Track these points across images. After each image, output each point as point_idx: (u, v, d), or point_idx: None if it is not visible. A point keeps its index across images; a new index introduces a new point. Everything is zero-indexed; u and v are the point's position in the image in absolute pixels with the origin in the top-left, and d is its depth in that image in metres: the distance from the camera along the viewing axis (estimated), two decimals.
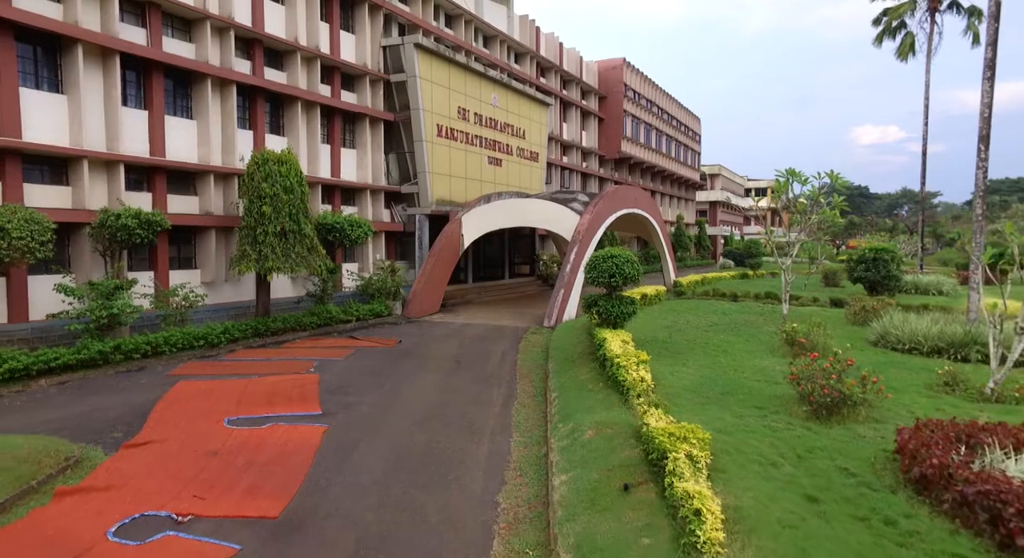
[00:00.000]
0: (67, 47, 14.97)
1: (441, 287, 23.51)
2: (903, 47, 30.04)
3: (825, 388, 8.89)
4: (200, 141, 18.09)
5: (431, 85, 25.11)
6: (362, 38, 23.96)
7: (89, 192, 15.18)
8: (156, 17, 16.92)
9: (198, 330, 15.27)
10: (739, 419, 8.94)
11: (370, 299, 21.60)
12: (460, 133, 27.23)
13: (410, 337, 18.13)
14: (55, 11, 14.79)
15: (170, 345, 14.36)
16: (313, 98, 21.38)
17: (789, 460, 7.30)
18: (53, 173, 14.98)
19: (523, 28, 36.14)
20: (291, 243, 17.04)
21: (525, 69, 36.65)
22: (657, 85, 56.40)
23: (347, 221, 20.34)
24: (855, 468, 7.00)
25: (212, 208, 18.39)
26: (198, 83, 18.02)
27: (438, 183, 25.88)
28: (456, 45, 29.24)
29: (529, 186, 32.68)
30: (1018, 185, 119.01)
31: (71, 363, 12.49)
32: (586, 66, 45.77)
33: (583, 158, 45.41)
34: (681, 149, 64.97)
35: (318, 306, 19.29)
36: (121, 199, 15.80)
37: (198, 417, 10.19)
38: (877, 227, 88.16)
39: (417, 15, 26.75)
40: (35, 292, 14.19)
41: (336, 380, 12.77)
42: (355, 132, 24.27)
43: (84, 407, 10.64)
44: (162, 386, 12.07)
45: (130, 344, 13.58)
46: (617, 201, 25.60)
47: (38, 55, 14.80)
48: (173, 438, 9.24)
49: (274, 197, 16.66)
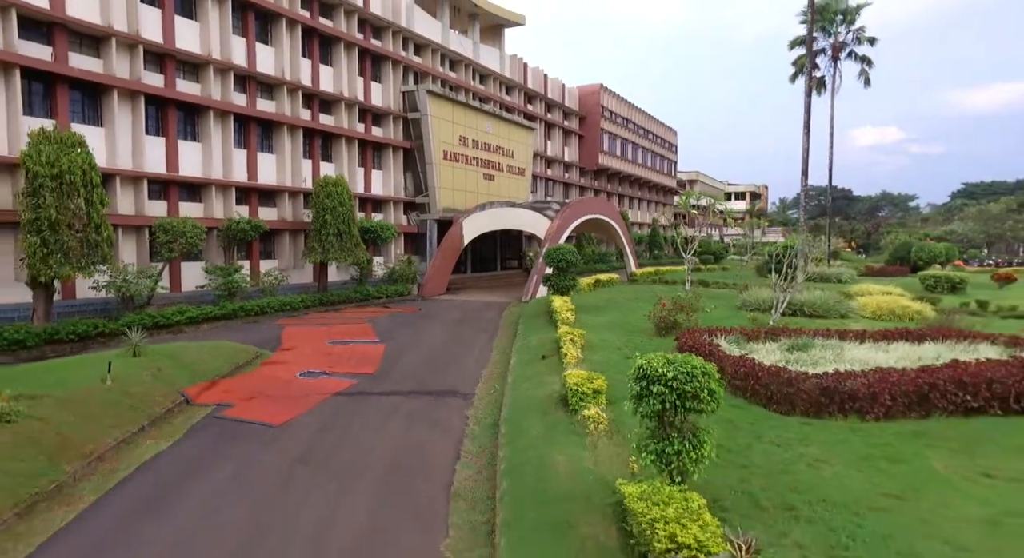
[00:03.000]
0: (202, 113, 22.00)
1: (446, 275, 30.51)
2: (812, 84, 36.93)
3: (663, 319, 15.94)
4: (278, 169, 25.11)
5: (439, 120, 32.13)
6: (387, 86, 30.96)
7: (214, 207, 22.21)
8: (252, 86, 23.89)
9: (284, 299, 22.28)
10: (615, 335, 15.98)
11: (394, 283, 28.58)
12: (461, 156, 34.24)
13: (426, 307, 25.17)
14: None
15: (271, 308, 21.38)
16: (353, 134, 28.40)
17: (628, 348, 14.30)
18: (192, 194, 22.00)
19: (513, 66, 43.16)
20: (344, 241, 24.07)
21: (515, 99, 43.66)
22: (633, 104, 63.41)
23: (379, 225, 27.37)
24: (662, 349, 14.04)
25: (286, 216, 25.40)
26: (277, 128, 25.04)
27: (444, 195, 32.90)
28: (457, 85, 36.25)
29: (517, 196, 39.68)
30: (991, 188, 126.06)
31: (217, 315, 19.48)
32: (568, 92, 52.76)
33: (565, 170, 52.41)
34: (657, 159, 72.00)
35: (359, 286, 26.30)
36: (235, 211, 22.84)
37: (310, 340, 17.25)
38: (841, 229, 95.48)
39: (428, 64, 33.74)
40: (185, 272, 21.21)
41: (382, 328, 19.78)
42: (382, 157, 31.30)
43: (241, 336, 17.62)
44: (276, 329, 19.09)
45: (248, 306, 20.59)
46: (580, 209, 32.65)
47: (187, 118, 21.77)
48: (301, 348, 16.29)
49: (332, 209, 23.67)
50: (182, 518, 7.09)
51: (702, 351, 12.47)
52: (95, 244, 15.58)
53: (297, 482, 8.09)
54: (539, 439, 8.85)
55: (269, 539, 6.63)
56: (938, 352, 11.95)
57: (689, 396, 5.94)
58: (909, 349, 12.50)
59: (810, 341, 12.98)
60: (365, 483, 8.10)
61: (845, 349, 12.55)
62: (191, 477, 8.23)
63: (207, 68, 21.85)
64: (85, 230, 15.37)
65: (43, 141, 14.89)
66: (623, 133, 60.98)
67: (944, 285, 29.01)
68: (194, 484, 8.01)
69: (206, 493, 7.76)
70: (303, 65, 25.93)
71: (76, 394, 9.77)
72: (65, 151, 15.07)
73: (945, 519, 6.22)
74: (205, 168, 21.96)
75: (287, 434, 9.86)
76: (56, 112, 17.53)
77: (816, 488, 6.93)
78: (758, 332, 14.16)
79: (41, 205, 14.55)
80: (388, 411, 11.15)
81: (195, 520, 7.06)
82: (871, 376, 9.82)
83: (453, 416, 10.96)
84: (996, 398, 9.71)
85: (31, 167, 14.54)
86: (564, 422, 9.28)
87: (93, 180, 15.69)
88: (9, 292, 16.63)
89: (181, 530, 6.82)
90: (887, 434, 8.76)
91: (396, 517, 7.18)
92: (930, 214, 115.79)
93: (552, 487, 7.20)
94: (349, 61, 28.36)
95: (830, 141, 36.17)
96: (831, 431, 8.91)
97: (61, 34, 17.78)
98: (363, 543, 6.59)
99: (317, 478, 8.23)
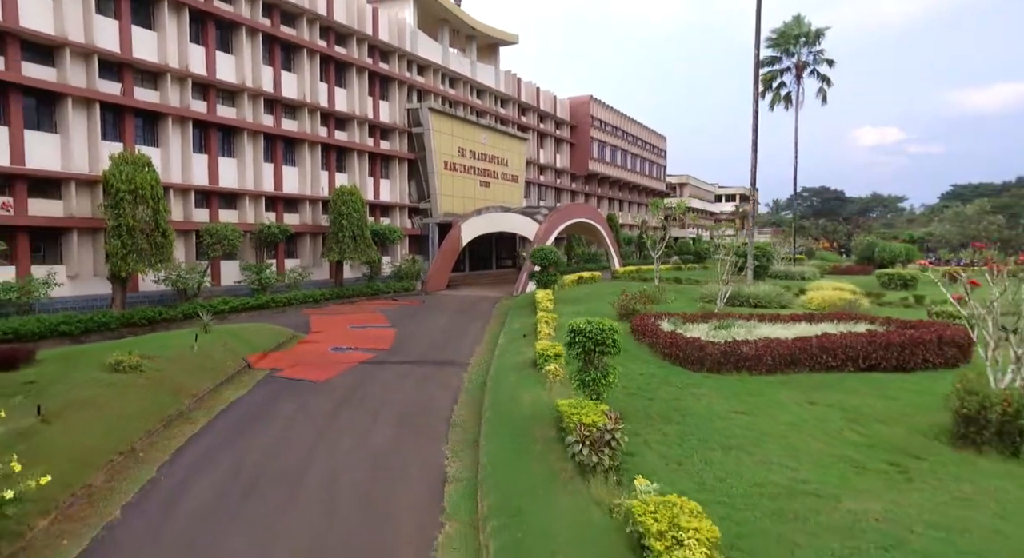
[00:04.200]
0: (238, 133, 25.39)
1: (447, 272, 33.90)
2: (776, 99, 40.61)
3: (623, 307, 19.35)
4: (300, 180, 28.50)
5: (439, 134, 35.52)
6: (393, 104, 34.36)
7: (248, 213, 25.60)
8: (279, 108, 27.28)
9: (307, 292, 25.66)
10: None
11: (400, 279, 31.95)
12: (460, 165, 37.64)
13: (429, 300, 28.58)
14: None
15: (296, 300, 24.76)
16: (364, 148, 31.80)
17: None
18: (228, 203, 25.40)
19: (507, 81, 46.56)
20: (357, 242, 27.47)
21: (509, 112, 47.06)
22: (622, 113, 66.82)
23: (387, 228, 30.77)
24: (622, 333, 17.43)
25: (307, 221, 28.80)
26: (299, 144, 28.43)
27: (444, 201, 36.28)
28: (456, 100, 39.65)
29: (511, 202, 43.07)
30: (978, 190, 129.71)
31: (252, 305, 22.86)
32: (559, 103, 56.17)
33: (557, 176, 55.81)
34: (646, 164, 75.43)
35: (370, 282, 29.69)
36: (264, 217, 26.26)
37: (334, 325, 20.65)
38: (824, 229, 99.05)
39: (430, 83, 37.14)
40: (224, 269, 24.61)
41: (392, 316, 23.17)
42: (389, 168, 34.70)
43: (276, 322, 20.96)
44: (304, 317, 22.48)
45: (278, 298, 23.98)
46: (566, 214, 36.07)
47: (225, 137, 25.15)
48: (328, 331, 19.69)
49: (348, 215, 27.06)
50: (267, 432, 10.48)
51: (647, 329, 15.89)
52: (160, 246, 18.99)
53: (341, 415, 11.47)
54: (513, 387, 12.24)
55: (328, 444, 9.99)
56: (825, 329, 15.36)
57: (600, 343, 9.35)
58: (807, 328, 15.89)
59: (732, 322, 16.40)
60: (390, 417, 11.45)
61: (758, 328, 15.95)
62: (267, 411, 11.61)
63: (242, 95, 25.25)
64: (153, 234, 18.77)
65: (122, 163, 18.29)
66: (612, 140, 64.39)
67: (897, 282, 32.44)
68: (270, 415, 11.39)
69: (280, 419, 11.14)
70: (321, 88, 29.31)
71: (176, 356, 13.18)
72: (138, 170, 18.48)
73: (766, 422, 9.65)
74: (240, 180, 25.35)
75: (328, 387, 13.26)
76: (124, 137, 20.92)
77: (691, 409, 10.35)
78: (695, 316, 17.57)
79: (121, 214, 17.97)
80: (402, 374, 14.53)
81: (277, 433, 10.44)
82: (759, 344, 13.24)
83: (452, 378, 14.33)
84: (849, 359, 13.15)
85: (114, 183, 17.95)
86: (532, 375, 12.68)
87: (158, 193, 19.09)
88: (86, 286, 20.01)
89: (268, 438, 10.20)
90: (761, 382, 12.18)
91: (413, 435, 10.54)
92: (916, 216, 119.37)
93: (518, 412, 10.59)
94: (360, 83, 31.73)
95: (795, 151, 39.64)
96: (722, 381, 12.32)
97: (128, 73, 21.19)
98: (391, 447, 9.96)
99: (355, 413, 11.60)
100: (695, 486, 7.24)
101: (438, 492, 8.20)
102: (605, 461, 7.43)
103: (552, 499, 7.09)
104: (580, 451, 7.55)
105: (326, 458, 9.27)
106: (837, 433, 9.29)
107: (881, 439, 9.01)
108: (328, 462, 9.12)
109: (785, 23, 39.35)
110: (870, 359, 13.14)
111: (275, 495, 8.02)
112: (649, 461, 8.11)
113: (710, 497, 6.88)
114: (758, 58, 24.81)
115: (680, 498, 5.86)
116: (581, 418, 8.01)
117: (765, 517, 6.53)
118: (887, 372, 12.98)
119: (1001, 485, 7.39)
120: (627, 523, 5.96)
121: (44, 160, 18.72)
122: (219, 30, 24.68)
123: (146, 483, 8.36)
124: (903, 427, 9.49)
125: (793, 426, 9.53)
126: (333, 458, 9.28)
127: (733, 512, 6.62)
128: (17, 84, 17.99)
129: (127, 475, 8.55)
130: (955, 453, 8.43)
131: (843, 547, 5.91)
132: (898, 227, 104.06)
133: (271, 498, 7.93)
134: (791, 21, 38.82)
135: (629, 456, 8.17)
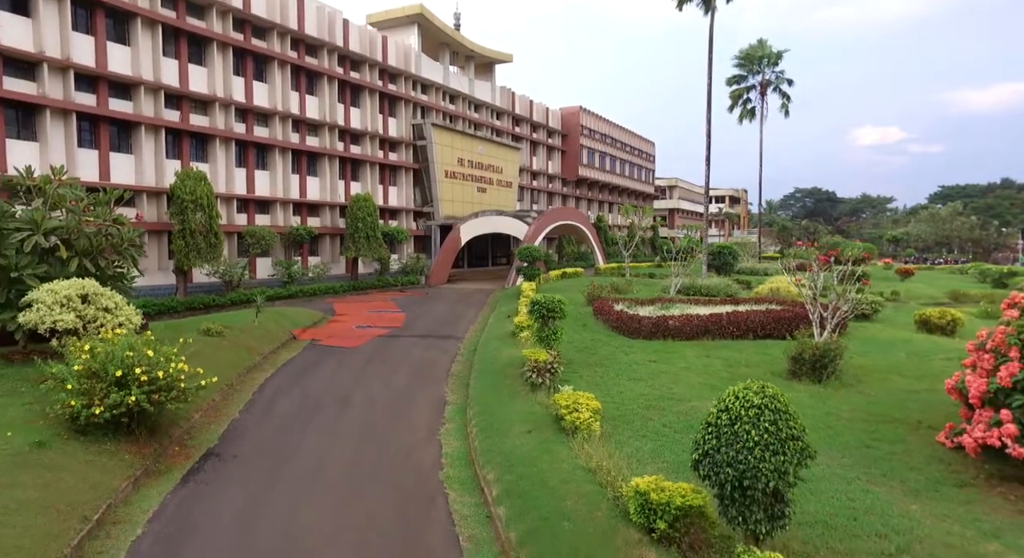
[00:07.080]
0: (270, 149, 29.42)
1: (447, 269, 37.90)
2: (743, 114, 44.63)
3: (590, 294, 23.33)
4: (321, 188, 32.52)
5: (441, 146, 39.53)
6: (400, 120, 38.37)
7: (278, 217, 29.62)
8: (303, 128, 31.28)
9: (328, 285, 29.68)
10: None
11: (407, 274, 35.96)
12: (459, 173, 41.65)
13: (432, 292, 32.62)
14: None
15: (319, 291, 28.79)
16: (375, 160, 35.81)
17: None
18: (262, 209, 29.43)
19: (503, 95, 50.55)
20: (370, 242, 31.49)
21: (504, 123, 51.05)
22: (611, 121, 70.78)
23: (395, 229, 34.80)
24: (586, 314, 21.47)
25: (327, 224, 32.82)
26: (320, 158, 32.45)
27: (445, 205, 40.29)
28: (456, 115, 43.65)
29: (505, 206, 47.06)
30: (964, 191, 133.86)
31: (284, 295, 26.87)
32: (551, 114, 60.15)
33: (549, 181, 59.81)
34: (635, 169, 79.40)
35: (380, 277, 33.71)
36: (292, 221, 30.30)
37: (355, 310, 24.69)
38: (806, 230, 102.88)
39: (432, 100, 41.14)
40: (259, 265, 28.64)
41: (401, 304, 27.17)
42: (396, 176, 38.72)
43: (307, 307, 24.95)
44: (328, 304, 26.48)
45: (305, 289, 28.01)
46: (553, 217, 40.08)
47: (259, 153, 29.14)
48: (351, 314, 23.72)
49: (362, 219, 31.08)
50: (320, 377, 14.51)
51: (604, 310, 19.90)
52: (214, 245, 23.03)
53: (370, 368, 15.49)
54: (495, 349, 16.26)
55: (364, 385, 13.99)
56: (746, 308, 19.37)
57: (552, 310, 13.38)
58: (730, 309, 19.91)
59: (672, 305, 20.42)
60: (405, 369, 15.48)
61: (690, 309, 19.96)
62: (315, 365, 15.64)
63: (274, 117, 29.28)
64: (208, 236, 22.80)
65: (185, 177, 22.34)
66: (601, 147, 68.36)
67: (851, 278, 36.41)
68: (319, 367, 15.43)
69: (326, 370, 15.18)
70: (339, 109, 33.34)
71: (243, 327, 17.23)
72: (197, 183, 22.52)
73: (667, 367, 13.70)
74: (272, 189, 29.37)
75: (358, 351, 17.28)
76: (182, 155, 24.96)
77: (618, 359, 14.40)
78: (645, 301, 21.59)
79: (186, 220, 22.01)
80: (412, 344, 18.54)
81: (327, 377, 14.47)
82: (681, 318, 17.28)
83: (451, 347, 18.34)
84: (750, 330, 17.18)
85: (179, 194, 22.00)
86: (510, 341, 16.70)
87: (212, 202, 23.12)
88: (153, 278, 24.04)
89: (321, 380, 14.23)
90: (679, 345, 16.21)
91: (421, 381, 14.55)
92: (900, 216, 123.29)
93: (497, 362, 14.61)
94: (372, 103, 35.74)
95: (759, 163, 43.60)
96: (651, 344, 16.35)
97: (187, 104, 25.25)
98: (408, 387, 13.98)
99: (380, 367, 15.63)
100: (601, 395, 11.27)
101: (441, 410, 12.24)
102: (547, 382, 11.48)
103: (512, 403, 11.14)
104: (531, 376, 11.60)
105: (364, 391, 13.32)
106: (714, 373, 13.35)
107: (742, 375, 13.03)
108: (366, 393, 13.18)
109: (750, 45, 43.38)
110: (766, 329, 17.18)
111: (333, 409, 12.06)
112: (578, 385, 12.12)
113: (607, 399, 10.95)
114: (711, 83, 28.79)
115: (582, 392, 9.91)
116: (534, 357, 12.06)
117: (639, 408, 10.59)
118: (778, 340, 17.01)
119: (799, 397, 11.43)
120: (552, 408, 10.00)
121: (122, 176, 22.77)
122: (256, 63, 28.71)
123: (247, 402, 12.41)
124: (762, 369, 13.55)
125: (685, 368, 13.59)
126: (369, 391, 13.34)
127: (620, 406, 10.68)
128: (104, 116, 22.05)
129: (234, 398, 12.61)
130: (784, 381, 12.48)
131: (677, 419, 9.97)
132: (883, 227, 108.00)
133: (331, 410, 11.98)
134: (755, 44, 42.87)
135: (566, 382, 12.21)
